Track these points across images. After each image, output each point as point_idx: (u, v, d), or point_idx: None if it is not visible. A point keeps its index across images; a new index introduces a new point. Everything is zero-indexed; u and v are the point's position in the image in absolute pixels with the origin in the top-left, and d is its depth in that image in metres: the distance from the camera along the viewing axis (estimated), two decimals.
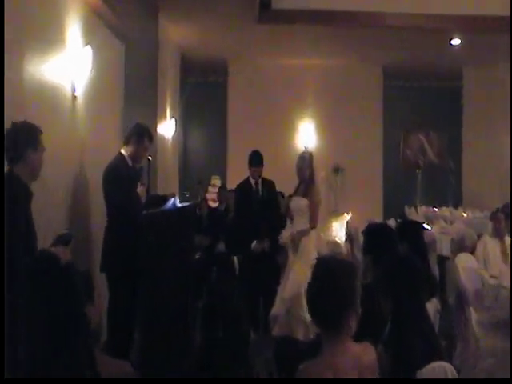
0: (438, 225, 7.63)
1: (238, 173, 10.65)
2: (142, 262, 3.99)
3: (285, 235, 5.36)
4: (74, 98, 4.31)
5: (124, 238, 4.08)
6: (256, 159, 5.92)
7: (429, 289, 2.80)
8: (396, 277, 2.41)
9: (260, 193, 5.84)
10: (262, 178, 5.89)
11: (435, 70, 10.43)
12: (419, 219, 7.96)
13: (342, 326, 1.92)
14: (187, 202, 5.33)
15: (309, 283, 2.00)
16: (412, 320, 2.35)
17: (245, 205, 5.83)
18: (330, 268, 1.98)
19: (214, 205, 8.65)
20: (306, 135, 10.79)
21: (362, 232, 3.29)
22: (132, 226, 4.02)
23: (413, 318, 2.36)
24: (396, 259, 2.58)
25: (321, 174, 5.74)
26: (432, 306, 2.99)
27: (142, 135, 4.31)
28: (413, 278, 2.40)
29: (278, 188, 6.21)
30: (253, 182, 5.87)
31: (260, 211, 5.70)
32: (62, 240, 2.86)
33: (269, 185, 5.89)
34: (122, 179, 4.15)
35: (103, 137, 5.10)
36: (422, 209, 9.52)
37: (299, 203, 5.41)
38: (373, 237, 3.16)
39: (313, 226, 5.33)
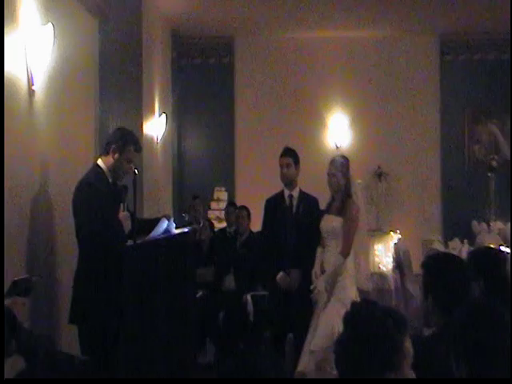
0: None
1: (249, 183, 10.76)
2: (126, 310, 3.98)
3: (319, 283, 5.30)
4: (32, 92, 4.29)
5: (101, 276, 4.06)
6: (287, 150, 5.87)
7: None
8: (474, 332, 2.32)
9: (295, 209, 5.79)
10: (301, 191, 5.85)
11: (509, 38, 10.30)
12: (492, 239, 7.83)
13: None
14: (186, 225, 5.29)
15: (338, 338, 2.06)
16: None
17: (275, 224, 5.79)
18: (365, 320, 2.01)
19: (219, 226, 8.61)
20: (338, 130, 10.72)
21: (422, 265, 3.21)
22: (112, 263, 4.00)
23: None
24: (475, 307, 2.49)
25: (358, 182, 5.67)
26: None
27: (126, 142, 4.30)
28: (498, 333, 2.31)
29: None
30: (287, 193, 5.83)
31: (293, 233, 5.65)
32: (19, 288, 2.81)
33: (308, 201, 5.83)
34: (99, 199, 4.14)
35: (72, 144, 5.08)
36: (497, 225, 9.35)
37: (332, 224, 5.38)
38: (438, 272, 3.08)
39: (345, 254, 5.29)
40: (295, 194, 5.85)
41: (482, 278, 3.31)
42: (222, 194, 9.96)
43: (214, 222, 8.82)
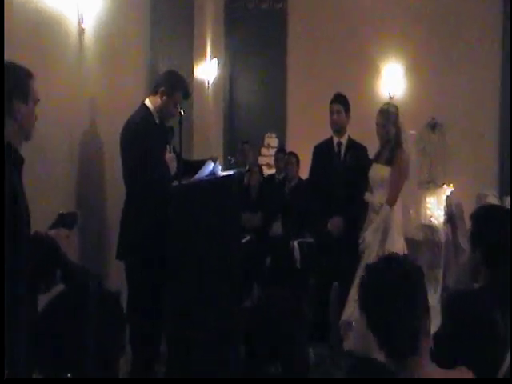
0: None
1: (301, 130, 10.65)
2: (172, 247, 4.00)
3: (367, 234, 5.22)
4: (82, 31, 4.28)
5: (148, 216, 4.10)
6: (337, 96, 5.78)
7: None
8: None
9: (343, 157, 5.70)
10: (350, 139, 5.75)
11: None
12: None
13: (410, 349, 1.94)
14: (233, 169, 5.27)
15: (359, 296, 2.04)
16: None
17: (322, 171, 5.72)
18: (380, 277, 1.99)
19: (268, 172, 8.58)
20: (392, 79, 10.46)
21: (472, 216, 3.10)
22: (158, 201, 4.02)
23: None
24: None
25: (410, 133, 5.53)
26: None
27: (176, 87, 4.28)
28: None
29: None
30: (335, 141, 5.73)
31: (340, 181, 5.58)
32: (65, 220, 2.84)
33: (357, 149, 5.73)
34: (145, 139, 4.13)
35: (121, 85, 5.08)
36: None
37: (380, 173, 5.30)
38: (488, 223, 2.98)
39: (391, 204, 5.20)
40: (344, 141, 5.76)
41: None
42: (272, 141, 9.90)
43: (264, 168, 8.79)
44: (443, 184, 9.91)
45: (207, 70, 8.28)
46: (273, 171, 8.40)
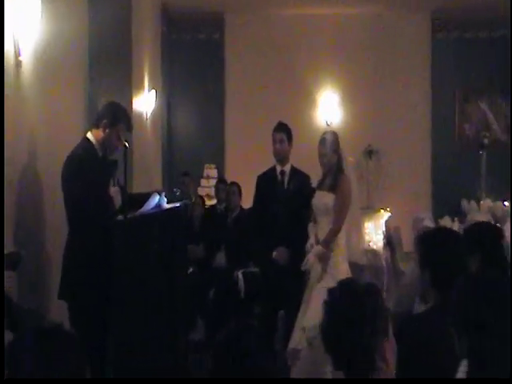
0: (509, 226, 7.47)
1: (239, 160, 10.69)
2: (116, 284, 3.91)
3: (311, 257, 5.25)
4: (19, 62, 4.19)
5: (91, 252, 4.01)
6: (280, 125, 5.81)
7: None
8: (475, 303, 2.27)
9: (286, 185, 5.71)
10: (293, 167, 5.78)
11: (504, 15, 10.19)
12: (483, 218, 7.79)
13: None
14: (177, 201, 5.23)
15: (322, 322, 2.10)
16: (499, 361, 2.22)
17: (266, 200, 5.72)
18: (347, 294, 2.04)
19: (209, 203, 8.55)
20: (328, 107, 10.65)
21: (419, 239, 3.16)
22: (102, 237, 3.94)
23: (501, 358, 2.23)
24: (475, 279, 2.44)
25: (348, 159, 5.60)
26: None
27: (118, 119, 4.24)
28: (500, 303, 2.27)
29: None
30: (278, 169, 5.75)
31: (284, 210, 5.59)
32: (7, 262, 2.73)
33: (300, 177, 5.76)
34: (88, 173, 4.06)
35: (60, 118, 4.99)
36: (487, 203, 9.34)
37: (324, 200, 5.34)
38: (435, 245, 3.05)
39: (337, 230, 5.25)
40: (287, 169, 5.78)
41: (480, 251, 3.28)
42: (211, 172, 9.89)
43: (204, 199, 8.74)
44: (380, 209, 10.09)
45: (145, 102, 8.26)
46: (213, 202, 8.37)
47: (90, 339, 3.94)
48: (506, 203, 9.12)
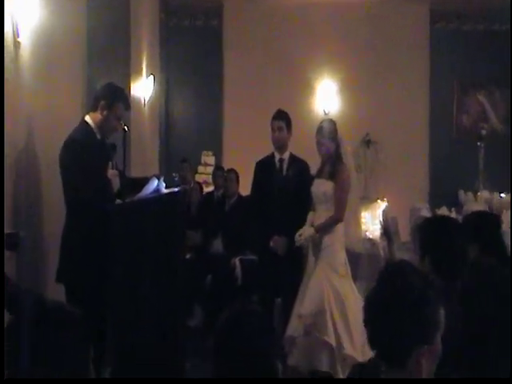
0: (507, 216, 7.50)
1: (237, 147, 10.66)
2: (114, 267, 3.92)
3: (304, 234, 5.24)
4: (17, 44, 4.17)
5: (89, 236, 4.01)
6: (280, 113, 5.76)
7: None
8: (474, 293, 2.28)
9: (284, 172, 5.68)
10: (292, 155, 5.74)
11: (503, 7, 10.18)
12: (479, 208, 7.82)
13: (408, 363, 1.84)
14: (176, 186, 5.21)
15: (371, 292, 1.93)
16: (499, 355, 2.22)
17: (264, 187, 5.69)
18: (406, 280, 1.88)
19: (206, 189, 8.54)
20: (327, 96, 10.63)
21: (420, 226, 3.17)
22: (100, 221, 3.92)
23: (501, 351, 2.23)
24: (475, 268, 2.45)
25: (345, 149, 5.60)
26: None
27: (116, 99, 4.21)
28: (498, 294, 2.27)
29: None
30: (277, 157, 5.71)
31: (283, 197, 5.57)
32: (7, 242, 2.73)
33: (298, 165, 5.73)
34: (87, 156, 4.05)
35: (59, 100, 4.97)
36: (484, 194, 9.37)
37: (323, 188, 5.33)
38: (437, 232, 3.06)
39: (338, 219, 5.25)
40: (285, 157, 5.75)
41: (478, 240, 3.29)
42: (209, 159, 9.88)
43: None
44: (377, 199, 10.11)
45: (143, 88, 8.23)
46: (210, 189, 8.36)
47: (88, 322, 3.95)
48: (503, 194, 9.15)
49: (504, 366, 2.22)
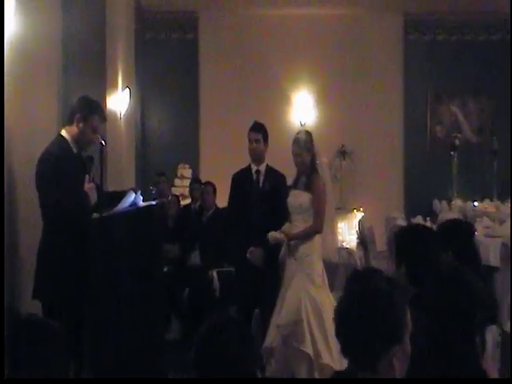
0: (481, 225, 7.60)
1: (214, 159, 10.68)
2: (92, 283, 3.89)
3: (273, 235, 5.27)
4: None
5: (66, 251, 3.98)
6: (256, 125, 5.79)
7: (487, 314, 2.72)
8: (443, 299, 2.32)
9: (261, 184, 5.71)
10: (268, 167, 5.77)
11: (476, 19, 10.37)
12: (453, 217, 7.90)
13: (379, 365, 1.87)
14: (153, 199, 5.20)
15: (339, 303, 1.97)
16: (463, 360, 2.26)
17: (241, 199, 5.71)
18: (371, 285, 1.91)
19: (183, 202, 8.54)
20: (303, 107, 10.69)
21: (396, 235, 3.22)
22: (78, 235, 3.92)
23: (465, 356, 2.27)
24: (445, 274, 2.49)
25: (321, 160, 5.64)
26: (490, 337, 2.93)
27: (91, 111, 4.20)
28: (468, 300, 2.32)
29: None
30: (254, 169, 5.73)
31: (259, 209, 5.59)
32: None
33: (275, 176, 5.76)
34: (63, 171, 4.04)
35: (34, 113, 4.94)
36: (457, 203, 9.49)
37: (299, 199, 5.35)
38: (412, 240, 3.12)
39: (317, 230, 5.27)
40: (262, 169, 5.77)
41: (452, 247, 3.35)
42: (185, 171, 9.88)
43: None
44: (353, 209, 10.18)
45: (119, 101, 8.21)
46: (187, 202, 8.36)
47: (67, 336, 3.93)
48: (476, 203, 9.27)
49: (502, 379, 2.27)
